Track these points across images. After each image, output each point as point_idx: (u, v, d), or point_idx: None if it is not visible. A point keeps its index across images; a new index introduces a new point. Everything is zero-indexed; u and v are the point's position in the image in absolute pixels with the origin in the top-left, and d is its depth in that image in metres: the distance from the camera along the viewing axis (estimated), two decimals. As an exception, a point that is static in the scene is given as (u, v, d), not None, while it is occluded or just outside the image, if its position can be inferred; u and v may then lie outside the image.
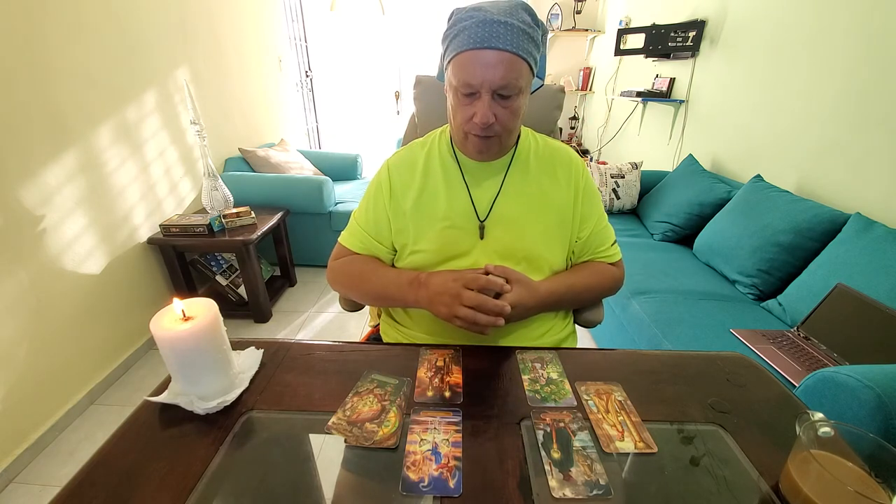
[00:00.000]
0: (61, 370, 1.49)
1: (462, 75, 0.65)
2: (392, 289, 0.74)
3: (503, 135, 0.70)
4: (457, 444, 0.51)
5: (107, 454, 0.50)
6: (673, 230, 2.07)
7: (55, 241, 1.45)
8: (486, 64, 0.63)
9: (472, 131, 0.69)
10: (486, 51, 0.62)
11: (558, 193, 0.78)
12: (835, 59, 1.59)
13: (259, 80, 2.92)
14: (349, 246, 0.83)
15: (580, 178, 0.80)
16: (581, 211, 0.79)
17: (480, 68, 0.63)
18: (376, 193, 0.81)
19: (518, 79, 0.65)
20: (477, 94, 0.65)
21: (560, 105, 1.16)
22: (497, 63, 0.63)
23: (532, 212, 0.77)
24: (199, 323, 0.52)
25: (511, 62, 0.63)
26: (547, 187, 0.78)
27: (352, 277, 0.81)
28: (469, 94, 0.66)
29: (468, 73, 0.64)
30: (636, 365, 0.67)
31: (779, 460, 0.49)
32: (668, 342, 1.31)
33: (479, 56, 0.63)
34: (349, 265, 0.81)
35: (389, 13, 4.19)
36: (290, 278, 2.45)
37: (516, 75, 0.64)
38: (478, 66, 0.63)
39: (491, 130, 0.68)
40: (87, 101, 1.57)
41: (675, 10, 2.67)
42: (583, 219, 0.80)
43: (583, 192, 0.79)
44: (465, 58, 0.64)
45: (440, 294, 0.65)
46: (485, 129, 0.67)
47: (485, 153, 0.74)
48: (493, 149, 0.73)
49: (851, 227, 1.37)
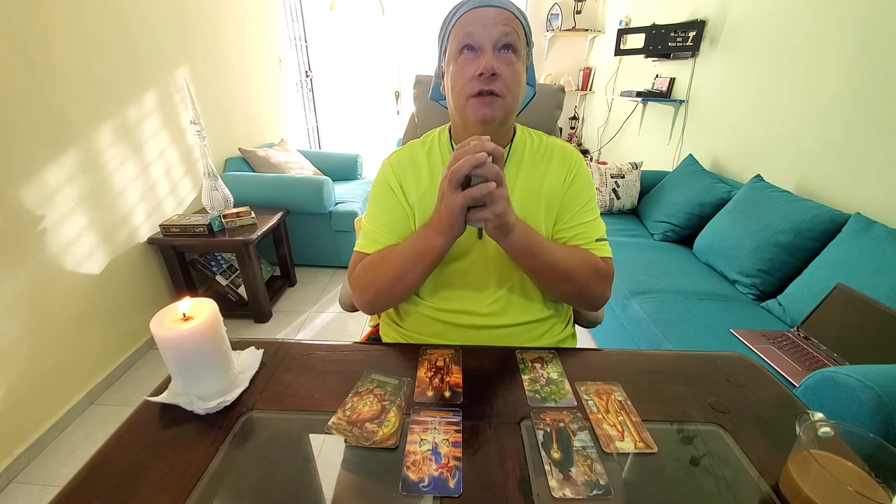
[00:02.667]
0: (61, 370, 1.49)
1: (464, 29, 0.67)
2: (414, 250, 0.68)
3: (506, 96, 0.68)
4: (457, 444, 0.51)
5: (107, 454, 0.50)
6: (673, 230, 2.07)
7: (55, 241, 1.45)
8: (486, 17, 0.66)
9: (475, 89, 0.67)
10: (487, 8, 0.66)
11: (550, 185, 0.76)
12: (835, 58, 1.59)
13: (259, 80, 2.92)
14: (369, 251, 0.76)
15: (572, 166, 0.78)
16: (569, 194, 0.76)
17: (481, 23, 0.66)
18: (385, 193, 0.78)
19: (517, 39, 0.67)
20: (479, 52, 0.67)
21: (560, 105, 1.16)
22: (497, 17, 0.66)
23: (526, 208, 0.75)
24: (199, 323, 0.52)
25: (510, 19, 0.66)
26: (539, 181, 0.76)
27: (373, 271, 0.73)
28: (471, 52, 0.67)
29: (470, 27, 0.66)
30: (636, 365, 0.67)
31: (779, 460, 0.49)
32: (668, 342, 1.31)
33: (479, 12, 0.66)
34: (366, 265, 0.74)
35: (389, 13, 4.19)
36: (290, 278, 2.45)
37: (515, 35, 0.67)
38: (478, 21, 0.66)
39: (494, 84, 0.66)
40: (87, 101, 1.57)
41: (675, 10, 2.67)
42: (569, 202, 0.76)
43: (573, 178, 0.77)
44: (467, 16, 0.67)
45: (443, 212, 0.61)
46: (488, 80, 0.66)
47: (488, 115, 0.68)
48: (497, 111, 0.68)
49: (851, 227, 1.37)
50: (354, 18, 4.29)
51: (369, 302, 0.75)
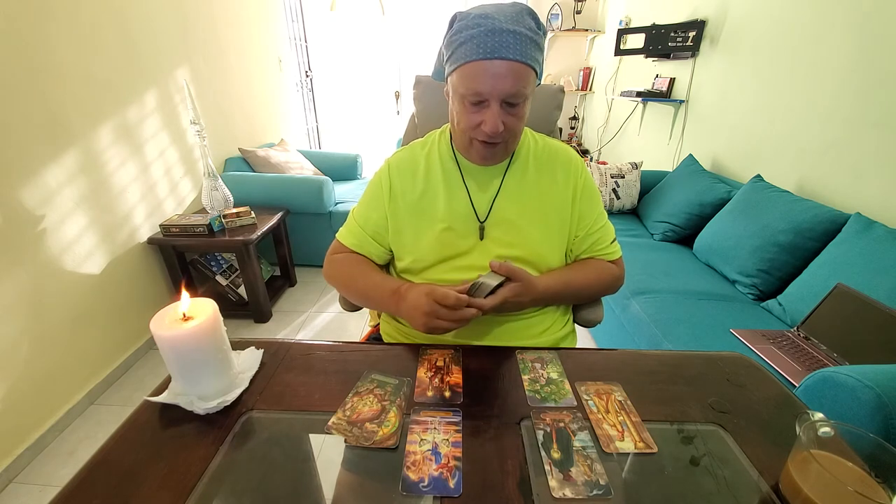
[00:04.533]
0: (61, 370, 1.49)
1: (471, 85, 0.64)
2: (376, 295, 0.76)
3: (510, 140, 0.71)
4: (457, 444, 0.51)
5: (107, 454, 0.50)
6: (673, 230, 2.07)
7: (55, 241, 1.45)
8: (495, 74, 0.63)
9: (479, 137, 0.69)
10: (496, 61, 0.62)
11: (557, 193, 0.78)
12: (835, 58, 1.59)
13: (259, 80, 2.92)
14: (345, 243, 0.85)
15: (579, 176, 0.80)
16: (579, 209, 0.80)
17: (490, 78, 0.63)
18: (376, 193, 0.82)
19: (526, 87, 0.65)
20: (485, 103, 0.66)
21: (560, 105, 1.16)
22: (507, 73, 0.63)
23: (531, 212, 0.77)
24: (199, 323, 0.52)
25: (520, 71, 0.63)
26: (545, 187, 0.78)
27: (342, 276, 0.82)
28: (477, 103, 0.66)
29: (478, 83, 0.64)
30: (636, 365, 0.67)
31: (779, 460, 0.49)
32: (668, 342, 1.31)
33: (488, 66, 0.62)
34: (342, 264, 0.83)
35: (389, 13, 4.19)
36: (290, 278, 2.45)
37: (524, 84, 0.64)
38: (487, 76, 0.63)
39: (499, 138, 0.68)
40: (87, 101, 1.57)
41: (675, 10, 2.67)
42: (581, 216, 0.80)
43: (581, 191, 0.80)
44: (474, 68, 0.63)
45: (415, 309, 0.65)
46: (493, 137, 0.68)
47: (489, 159, 0.74)
48: (499, 155, 0.74)
49: (851, 227, 1.37)
50: (354, 18, 4.29)
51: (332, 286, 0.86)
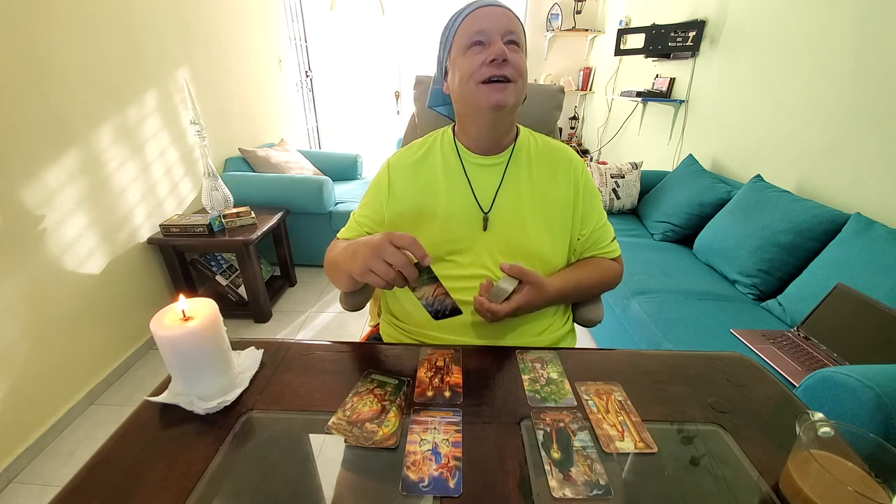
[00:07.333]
0: (61, 370, 1.49)
1: (472, 26, 0.71)
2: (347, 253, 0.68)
3: (517, 80, 0.71)
4: (457, 444, 0.51)
5: (107, 454, 0.50)
6: (673, 230, 2.07)
7: (55, 241, 1.45)
8: (493, 13, 0.71)
9: (486, 75, 0.69)
10: (492, 7, 0.72)
11: (558, 192, 0.79)
12: (835, 58, 1.59)
13: (259, 80, 2.92)
14: (343, 237, 0.85)
15: (580, 176, 0.81)
16: (582, 209, 0.80)
17: (489, 16, 0.71)
18: (376, 193, 0.83)
19: (520, 36, 0.72)
20: (488, 45, 0.70)
21: (560, 105, 1.16)
22: (502, 13, 0.71)
23: (533, 209, 0.78)
24: (199, 323, 0.52)
25: (513, 17, 0.72)
26: (547, 186, 0.79)
27: (330, 263, 0.80)
28: (480, 45, 0.70)
29: (479, 22, 0.70)
30: (636, 365, 0.67)
31: (779, 460, 0.48)
32: (668, 342, 1.31)
33: (485, 10, 0.71)
34: (332, 252, 0.80)
35: (389, 13, 4.19)
36: (290, 278, 2.45)
37: (519, 30, 0.72)
38: (487, 15, 0.71)
39: (505, 69, 0.69)
40: (87, 102, 1.57)
41: (675, 10, 2.67)
42: (584, 217, 0.81)
43: (583, 191, 0.81)
44: (474, 15, 0.71)
45: (366, 244, 0.60)
46: (500, 66, 0.68)
47: (501, 100, 0.70)
48: (509, 96, 0.70)
49: (851, 227, 1.37)
50: (354, 18, 4.29)
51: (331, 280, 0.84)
